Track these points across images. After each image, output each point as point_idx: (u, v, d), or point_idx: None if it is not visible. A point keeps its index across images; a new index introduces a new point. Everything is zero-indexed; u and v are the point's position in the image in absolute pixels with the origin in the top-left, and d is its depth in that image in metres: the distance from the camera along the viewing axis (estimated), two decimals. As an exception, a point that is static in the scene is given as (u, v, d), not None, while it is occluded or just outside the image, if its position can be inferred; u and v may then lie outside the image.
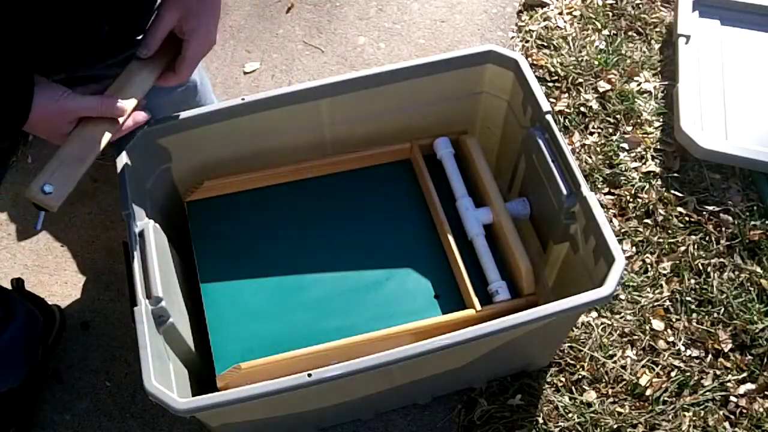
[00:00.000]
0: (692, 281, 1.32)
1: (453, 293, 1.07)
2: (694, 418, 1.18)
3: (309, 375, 0.85)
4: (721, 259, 1.34)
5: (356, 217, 1.15)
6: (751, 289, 1.30)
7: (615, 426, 1.17)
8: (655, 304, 1.30)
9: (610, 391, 1.21)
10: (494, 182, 1.13)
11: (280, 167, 1.17)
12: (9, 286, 1.27)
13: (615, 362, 1.24)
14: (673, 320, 1.28)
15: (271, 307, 1.06)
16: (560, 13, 1.74)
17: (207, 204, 1.15)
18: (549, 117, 1.05)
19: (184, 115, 1.07)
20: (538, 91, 1.07)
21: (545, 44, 1.68)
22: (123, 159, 1.02)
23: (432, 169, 1.17)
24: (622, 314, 1.29)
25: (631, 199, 1.43)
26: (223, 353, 1.01)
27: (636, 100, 1.57)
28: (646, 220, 1.40)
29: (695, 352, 1.25)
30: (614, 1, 1.76)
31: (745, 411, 1.19)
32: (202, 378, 1.07)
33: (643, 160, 1.48)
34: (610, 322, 1.28)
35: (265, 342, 1.02)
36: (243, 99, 1.07)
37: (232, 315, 1.05)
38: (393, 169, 1.20)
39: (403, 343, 0.88)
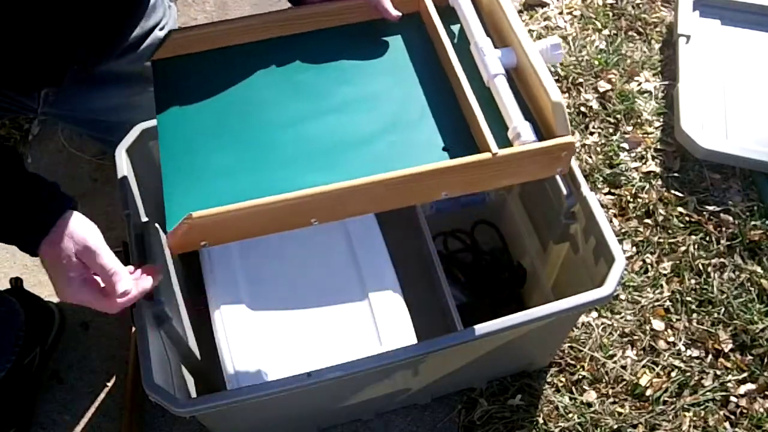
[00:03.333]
0: (692, 281, 1.32)
1: (466, 144, 0.85)
2: (695, 419, 1.18)
3: (308, 375, 0.85)
4: (722, 259, 1.34)
5: (348, 71, 0.95)
6: (752, 289, 1.30)
7: (615, 426, 1.17)
8: (656, 304, 1.30)
9: (610, 391, 1.21)
10: (519, 19, 0.88)
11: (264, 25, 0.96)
12: (8, 286, 1.27)
13: (615, 362, 1.24)
14: (674, 320, 1.28)
15: (240, 164, 0.85)
16: (560, 13, 1.74)
17: (175, 62, 0.95)
18: (549, 116, 1.03)
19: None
20: (539, 90, 1.05)
21: (545, 44, 1.68)
22: (122, 159, 1.02)
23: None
24: (623, 314, 1.29)
25: (631, 199, 1.43)
26: (176, 209, 0.81)
27: (636, 100, 1.56)
28: (646, 220, 1.40)
29: (695, 353, 1.25)
30: (614, 1, 1.76)
31: (745, 411, 1.19)
32: (202, 378, 1.07)
33: (644, 160, 1.48)
34: (610, 322, 1.28)
35: (229, 197, 0.80)
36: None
37: (191, 172, 0.85)
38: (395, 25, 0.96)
39: (400, 191, 0.73)
